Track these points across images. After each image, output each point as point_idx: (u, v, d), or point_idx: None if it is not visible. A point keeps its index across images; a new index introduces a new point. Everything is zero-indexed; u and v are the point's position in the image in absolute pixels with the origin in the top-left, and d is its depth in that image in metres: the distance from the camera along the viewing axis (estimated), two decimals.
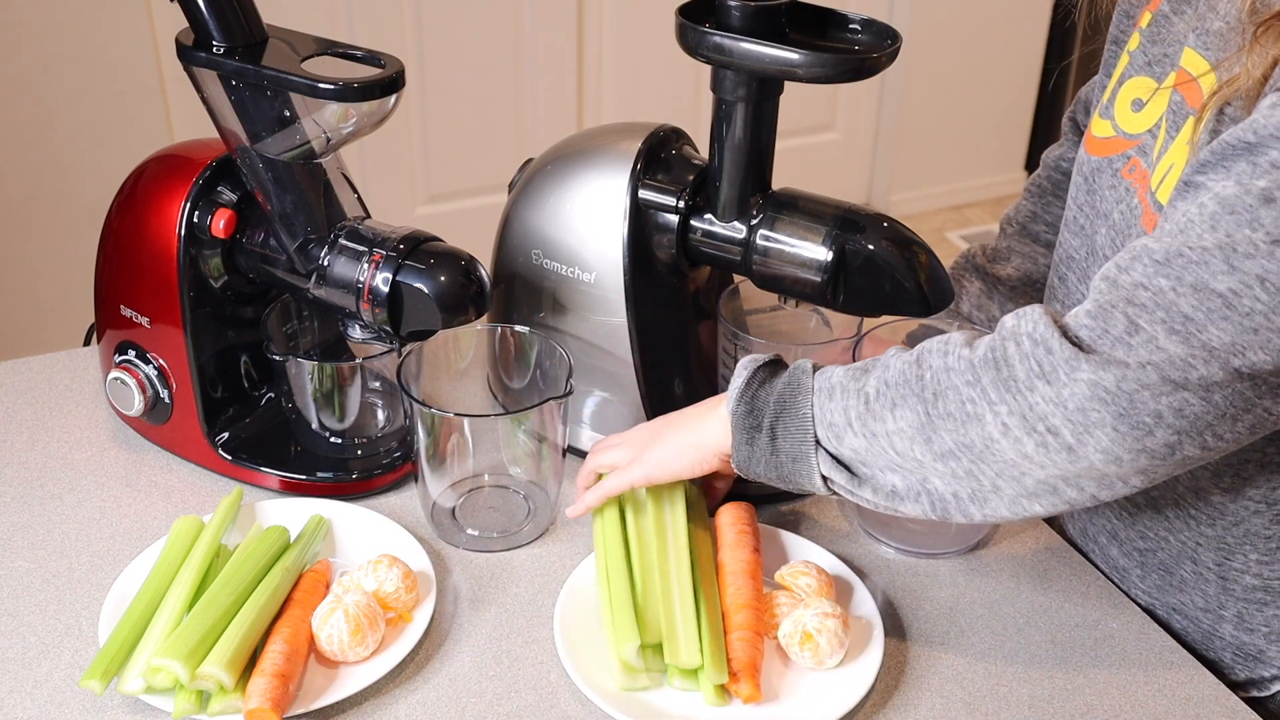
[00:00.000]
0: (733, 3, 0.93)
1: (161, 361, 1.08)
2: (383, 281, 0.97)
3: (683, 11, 0.95)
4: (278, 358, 1.05)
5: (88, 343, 1.26)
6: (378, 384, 1.11)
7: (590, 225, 1.05)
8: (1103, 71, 1.08)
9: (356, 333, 1.03)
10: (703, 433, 0.94)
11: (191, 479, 1.10)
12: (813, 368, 0.91)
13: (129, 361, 1.09)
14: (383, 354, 1.06)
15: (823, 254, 0.98)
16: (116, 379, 1.09)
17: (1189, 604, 1.00)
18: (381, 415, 1.12)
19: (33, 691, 0.89)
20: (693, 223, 1.03)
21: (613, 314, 1.06)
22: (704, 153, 1.05)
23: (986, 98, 3.42)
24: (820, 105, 3.24)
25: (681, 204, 1.02)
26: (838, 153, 3.35)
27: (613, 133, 1.08)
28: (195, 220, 1.02)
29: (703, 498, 1.04)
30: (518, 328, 1.08)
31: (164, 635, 0.88)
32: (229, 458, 1.09)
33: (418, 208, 2.84)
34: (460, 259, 0.99)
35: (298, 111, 0.95)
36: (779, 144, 1.02)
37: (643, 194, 1.03)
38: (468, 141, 2.81)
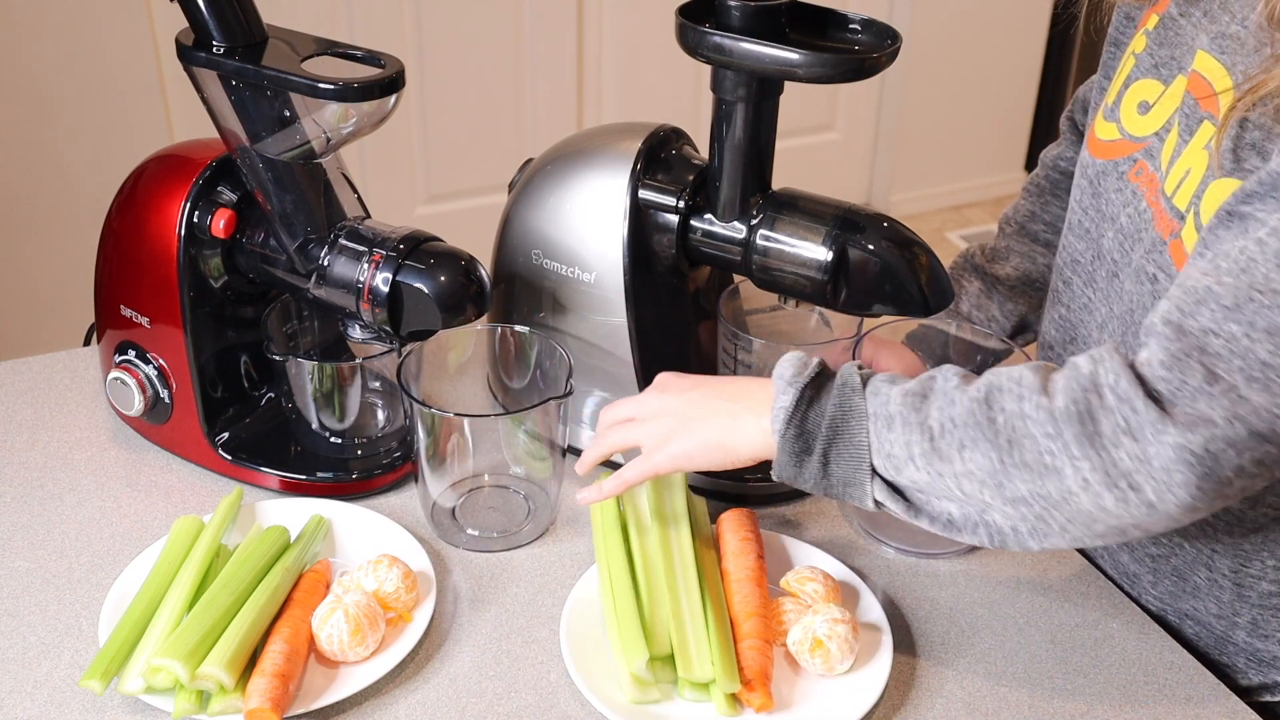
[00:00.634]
0: (733, 3, 0.93)
1: (161, 361, 1.08)
2: (383, 281, 0.97)
3: (683, 11, 0.95)
4: (278, 358, 1.05)
5: (88, 343, 1.26)
6: (378, 384, 1.11)
7: (590, 225, 1.04)
8: (1101, 73, 1.08)
9: (356, 333, 1.03)
10: (736, 435, 0.90)
11: (191, 479, 1.10)
12: (861, 382, 0.86)
13: (129, 361, 1.09)
14: (383, 354, 1.06)
15: (823, 254, 0.98)
16: (116, 379, 1.09)
17: (1202, 610, 0.99)
18: (381, 415, 1.12)
19: (33, 691, 0.89)
20: (693, 223, 1.03)
21: (613, 314, 1.06)
22: (704, 153, 1.05)
23: (986, 98, 3.42)
24: (820, 105, 3.24)
25: (681, 204, 1.02)
26: (838, 153, 3.35)
27: (613, 133, 1.08)
28: (195, 220, 1.02)
29: (702, 502, 1.04)
30: (518, 328, 1.08)
31: (164, 635, 0.88)
32: (229, 458, 1.09)
33: (418, 208, 2.84)
34: (460, 259, 0.99)
35: (298, 111, 0.95)
36: (779, 144, 1.02)
37: (643, 194, 1.03)
38: (468, 141, 2.81)
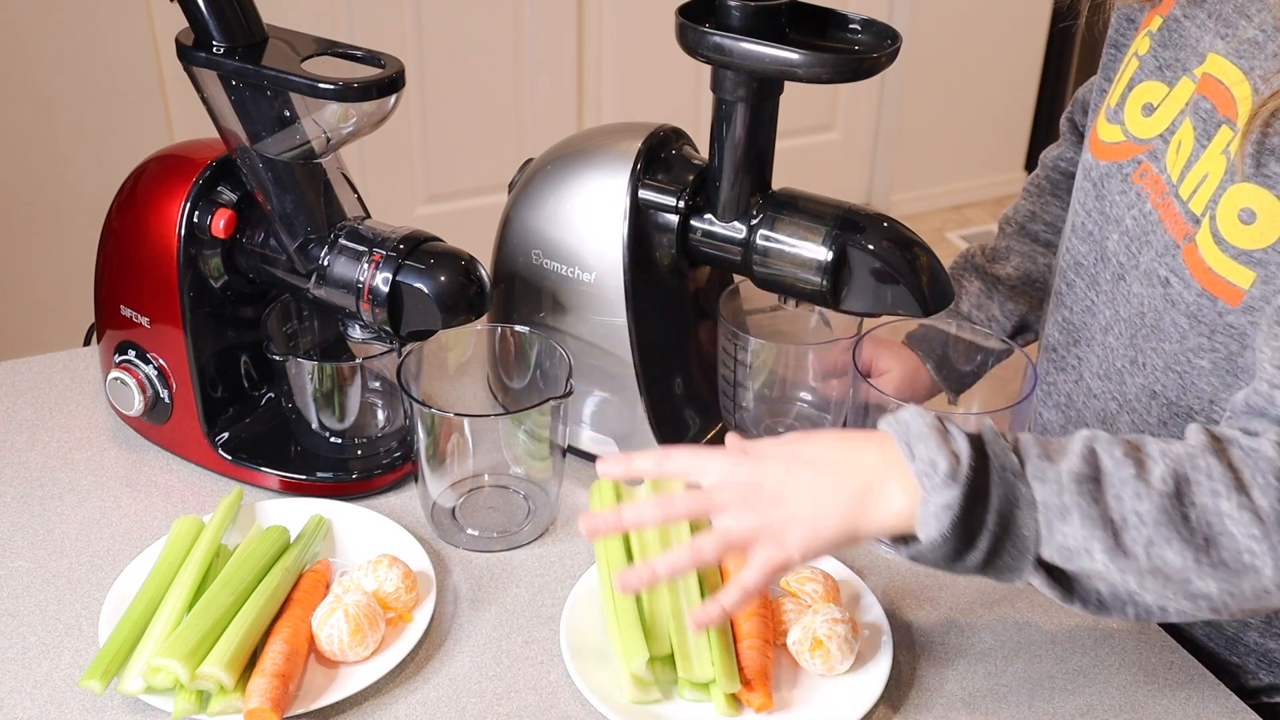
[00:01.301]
0: (733, 3, 0.93)
1: (161, 361, 1.08)
2: (383, 281, 0.97)
3: (683, 11, 0.95)
4: (278, 358, 1.05)
5: (88, 343, 1.26)
6: (378, 384, 1.11)
7: (590, 225, 1.05)
8: (1101, 74, 1.07)
9: (356, 333, 1.03)
10: (869, 523, 0.80)
11: (191, 479, 1.10)
12: (1019, 462, 0.78)
13: (129, 361, 1.09)
14: (383, 354, 1.06)
15: (823, 254, 0.98)
16: (116, 379, 1.09)
17: None
18: (381, 415, 1.12)
19: (33, 691, 0.89)
20: (693, 223, 1.03)
21: (613, 314, 1.06)
22: (704, 153, 1.05)
23: (986, 98, 3.42)
24: (820, 105, 3.24)
25: (681, 204, 1.02)
26: (838, 153, 3.35)
27: (613, 133, 1.08)
28: (195, 220, 1.02)
29: None
30: (518, 328, 1.08)
31: (164, 635, 0.88)
32: (229, 458, 1.09)
33: (418, 208, 2.84)
34: (460, 259, 0.99)
35: (298, 111, 0.95)
36: (779, 144, 1.02)
37: (643, 194, 1.03)
38: (468, 141, 2.81)
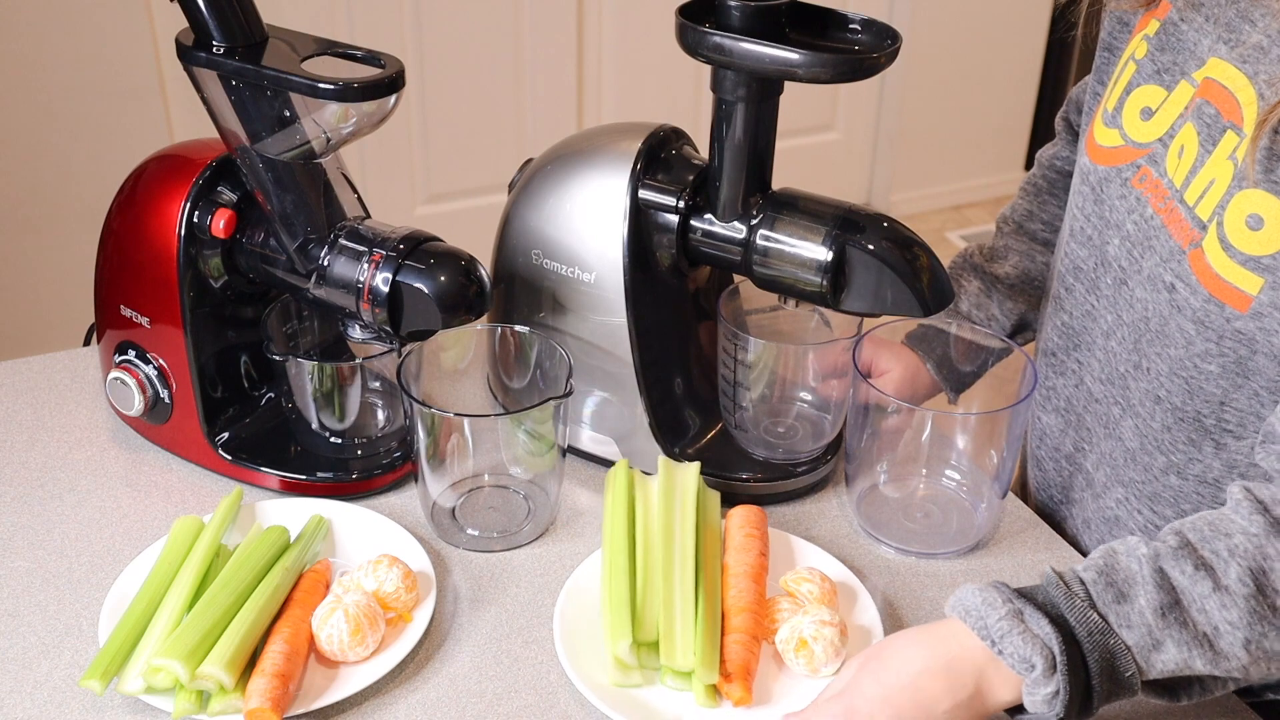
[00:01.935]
0: (733, 3, 0.93)
1: (161, 361, 1.08)
2: (383, 281, 0.97)
3: (683, 11, 0.95)
4: (278, 358, 1.05)
5: (88, 343, 1.26)
6: (378, 384, 1.11)
7: (590, 225, 1.04)
8: (1095, 77, 1.07)
9: (356, 333, 1.03)
10: (977, 712, 0.80)
11: (191, 479, 1.10)
12: (1101, 618, 0.78)
13: (129, 361, 1.09)
14: (383, 354, 1.06)
15: (823, 254, 0.98)
16: (116, 379, 1.09)
17: None
18: (381, 415, 1.12)
19: (33, 691, 0.89)
20: (693, 223, 1.03)
21: (613, 314, 1.06)
22: (704, 153, 1.05)
23: (986, 98, 3.42)
24: (820, 105, 3.24)
25: (681, 204, 1.02)
26: (838, 153, 3.35)
27: (613, 133, 1.08)
28: (195, 220, 1.02)
29: (716, 496, 1.04)
30: (518, 328, 1.08)
31: (164, 635, 0.88)
32: (229, 458, 1.09)
33: (418, 208, 2.84)
34: (460, 259, 0.99)
35: (298, 111, 0.95)
36: (779, 144, 1.02)
37: (643, 194, 1.03)
38: (468, 141, 2.81)
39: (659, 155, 1.05)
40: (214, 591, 0.91)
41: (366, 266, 0.98)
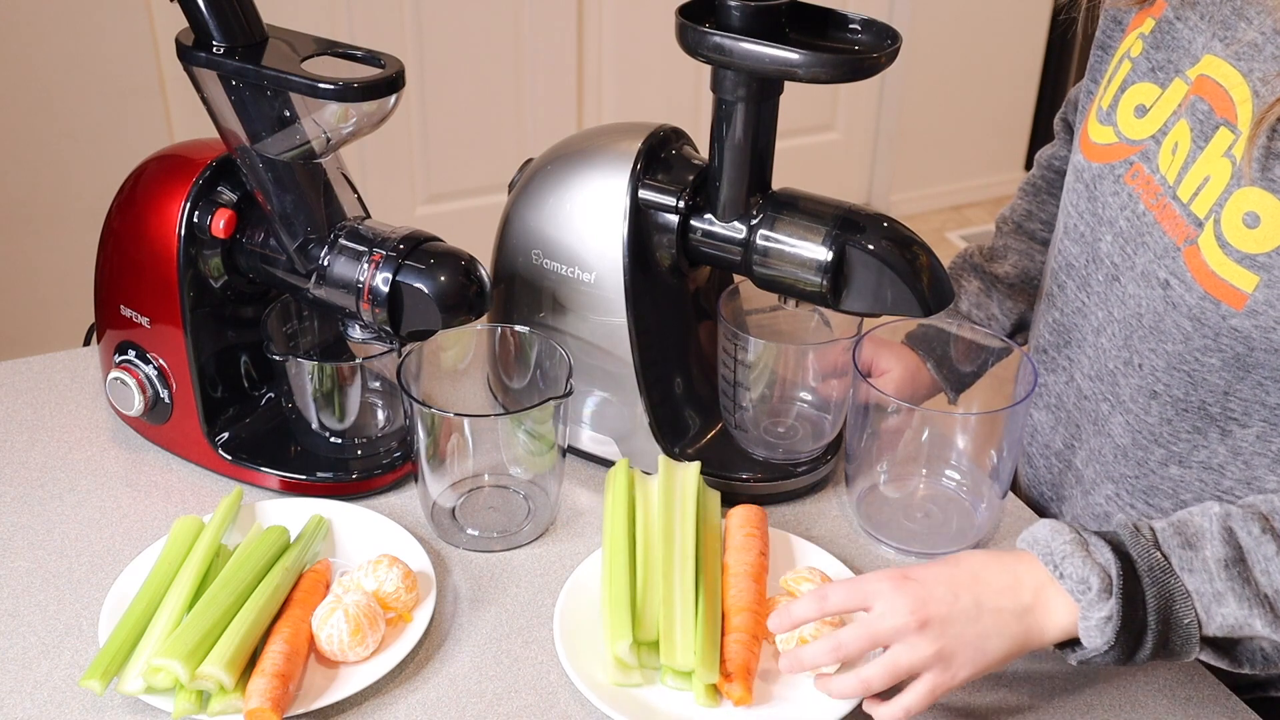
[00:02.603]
0: (733, 3, 0.93)
1: (161, 361, 1.08)
2: (383, 281, 0.97)
3: (683, 11, 0.95)
4: (278, 358, 1.05)
5: (88, 343, 1.26)
6: (378, 384, 1.11)
7: (590, 225, 1.04)
8: (1089, 76, 1.08)
9: (356, 333, 1.03)
10: (1035, 640, 0.84)
11: (191, 479, 1.10)
12: (1164, 557, 0.82)
13: (129, 361, 1.09)
14: (383, 354, 1.06)
15: (823, 254, 0.98)
16: (116, 379, 1.09)
17: None
18: (381, 415, 1.12)
19: (33, 691, 0.89)
20: (693, 223, 1.03)
21: (613, 314, 1.06)
22: (704, 153, 1.05)
23: (986, 98, 3.42)
24: (820, 105, 3.24)
25: (681, 204, 1.02)
26: (838, 153, 3.35)
27: (613, 133, 1.08)
28: (195, 220, 1.02)
29: (716, 495, 1.04)
30: (518, 328, 1.08)
31: (164, 635, 0.88)
32: (229, 458, 1.09)
33: (418, 208, 2.84)
34: (460, 259, 0.99)
35: (298, 111, 0.95)
36: (779, 144, 1.02)
37: (643, 194, 1.03)
38: (468, 141, 2.81)
39: (659, 155, 1.05)
40: (214, 591, 0.91)
41: (366, 266, 0.98)
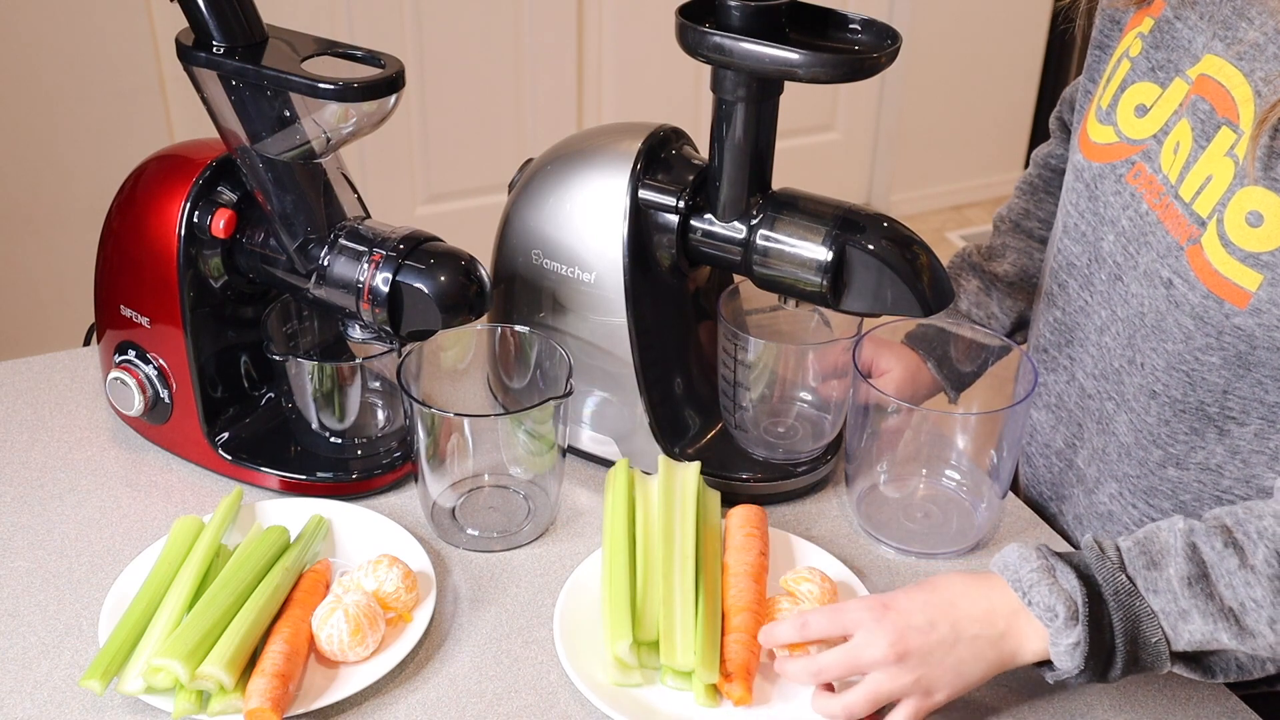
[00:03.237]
0: (733, 3, 0.93)
1: (161, 361, 1.08)
2: (383, 281, 0.97)
3: (683, 11, 0.95)
4: (278, 358, 1.05)
5: (88, 343, 1.26)
6: (378, 384, 1.11)
7: (590, 225, 1.04)
8: (1087, 75, 1.08)
9: (356, 333, 1.03)
10: (1003, 659, 0.85)
11: (191, 479, 1.10)
12: (1129, 581, 0.82)
13: (129, 361, 1.09)
14: (383, 354, 1.06)
15: (823, 254, 0.98)
16: (116, 379, 1.09)
17: None
18: (381, 415, 1.12)
19: (33, 691, 0.89)
20: (693, 223, 1.03)
21: (613, 314, 1.06)
22: (704, 153, 1.05)
23: (986, 98, 3.41)
24: (820, 105, 3.24)
25: (681, 204, 1.02)
26: (838, 153, 3.35)
27: (613, 133, 1.08)
28: (195, 220, 1.02)
29: (716, 496, 1.04)
30: (518, 328, 1.08)
31: (164, 635, 0.88)
32: (229, 458, 1.09)
33: (418, 208, 2.84)
34: (460, 259, 0.99)
35: (298, 111, 0.95)
36: (779, 144, 1.02)
37: (643, 194, 1.03)
38: (468, 141, 2.81)
39: (659, 155, 1.05)
40: (214, 591, 0.91)
41: (366, 266, 0.98)
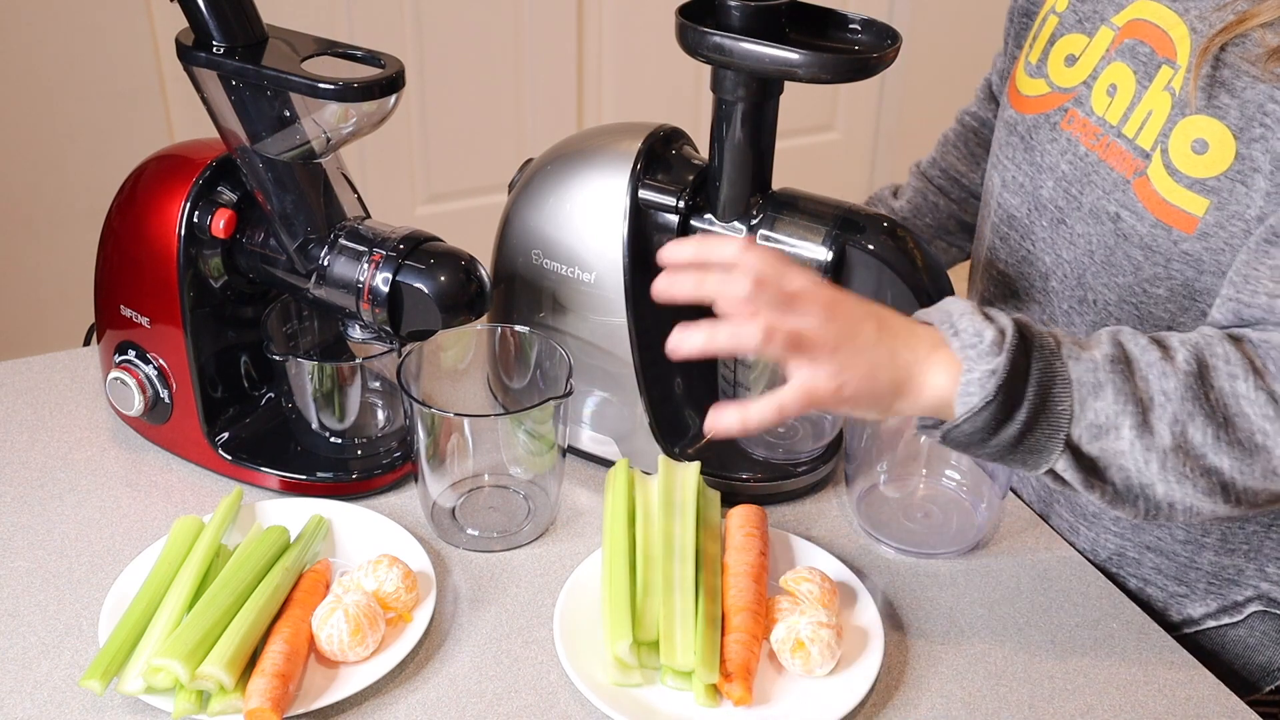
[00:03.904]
0: (733, 3, 0.93)
1: (161, 361, 1.08)
2: (383, 281, 0.97)
3: (683, 11, 0.95)
4: (278, 358, 1.05)
5: (88, 343, 1.26)
6: (378, 384, 1.11)
7: (590, 225, 1.05)
8: (1013, 43, 1.16)
9: (356, 333, 1.03)
10: (911, 381, 0.81)
11: (191, 479, 1.10)
12: (1055, 344, 0.81)
13: (129, 361, 1.09)
14: (383, 354, 1.06)
15: (823, 254, 0.98)
16: (116, 379, 1.09)
17: (1167, 538, 1.02)
18: (381, 415, 1.12)
19: (33, 691, 0.89)
20: (693, 223, 1.03)
21: (613, 314, 1.06)
22: (704, 153, 1.05)
23: None
24: (820, 105, 3.24)
25: (681, 204, 1.02)
26: (838, 153, 3.35)
27: (613, 133, 1.08)
28: (195, 220, 1.02)
29: (716, 495, 1.04)
30: (518, 328, 1.08)
31: (164, 635, 0.88)
32: (229, 458, 1.09)
33: (418, 208, 2.84)
34: (460, 259, 0.99)
35: (298, 111, 0.95)
36: (779, 144, 1.02)
37: (643, 194, 1.03)
38: (468, 141, 2.81)
39: (659, 155, 1.05)
40: (214, 591, 0.91)
41: (366, 266, 0.98)
